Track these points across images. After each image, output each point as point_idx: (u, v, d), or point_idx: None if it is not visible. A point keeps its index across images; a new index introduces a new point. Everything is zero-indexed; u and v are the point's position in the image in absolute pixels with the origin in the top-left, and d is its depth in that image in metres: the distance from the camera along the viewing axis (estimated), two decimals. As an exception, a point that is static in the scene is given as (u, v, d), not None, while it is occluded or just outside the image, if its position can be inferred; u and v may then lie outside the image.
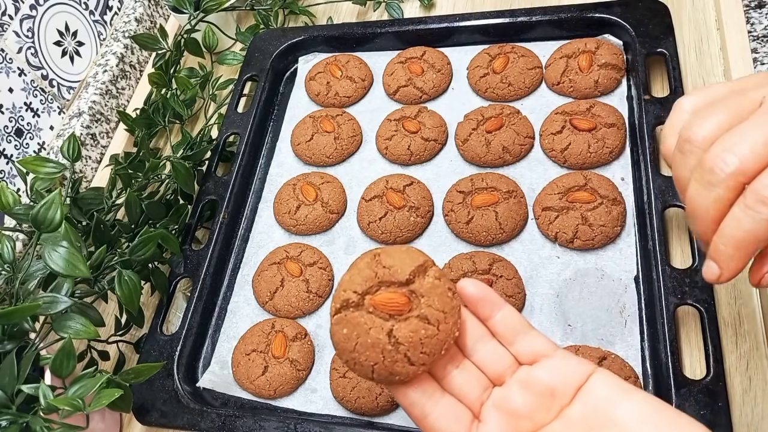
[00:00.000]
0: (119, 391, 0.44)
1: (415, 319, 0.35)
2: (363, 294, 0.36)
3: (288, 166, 0.70)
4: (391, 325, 0.35)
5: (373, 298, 0.35)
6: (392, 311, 0.35)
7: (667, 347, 0.48)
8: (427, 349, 0.35)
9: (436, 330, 0.35)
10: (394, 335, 0.35)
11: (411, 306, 0.35)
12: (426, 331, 0.34)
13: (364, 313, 0.35)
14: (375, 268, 0.36)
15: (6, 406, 0.46)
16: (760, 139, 0.28)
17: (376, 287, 0.36)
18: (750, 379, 0.49)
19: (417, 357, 0.34)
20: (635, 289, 0.53)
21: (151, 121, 0.73)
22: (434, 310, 0.35)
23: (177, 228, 0.64)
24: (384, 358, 0.34)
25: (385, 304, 0.35)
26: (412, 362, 0.34)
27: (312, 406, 0.55)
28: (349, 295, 0.36)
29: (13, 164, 0.71)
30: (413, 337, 0.34)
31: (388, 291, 0.35)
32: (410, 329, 0.34)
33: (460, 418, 0.35)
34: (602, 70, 0.63)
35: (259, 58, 0.76)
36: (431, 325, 0.35)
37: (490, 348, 0.37)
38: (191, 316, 0.59)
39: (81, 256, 0.47)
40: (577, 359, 0.35)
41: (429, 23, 0.73)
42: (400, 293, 0.35)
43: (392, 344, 0.34)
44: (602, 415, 0.32)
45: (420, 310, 0.35)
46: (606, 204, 0.56)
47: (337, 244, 0.63)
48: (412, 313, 0.35)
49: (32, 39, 0.75)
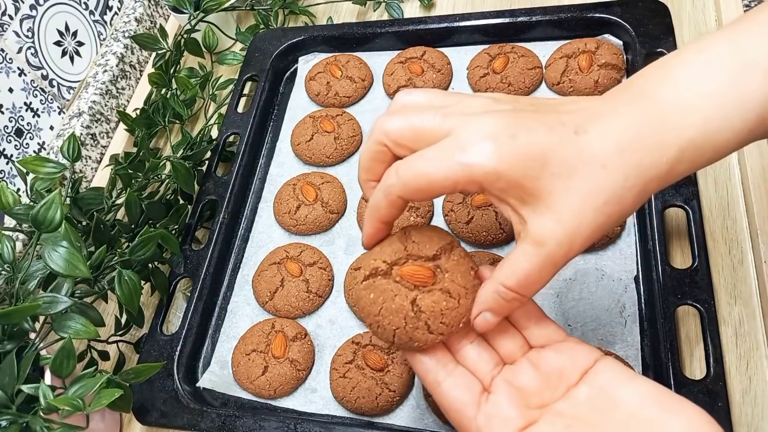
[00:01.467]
0: (119, 391, 0.44)
1: (438, 291, 0.37)
2: (392, 264, 0.38)
3: (288, 166, 0.70)
4: (415, 294, 0.37)
5: (401, 268, 0.38)
6: (417, 282, 0.37)
7: (667, 347, 0.48)
8: (447, 320, 0.37)
9: (457, 303, 0.37)
10: (417, 304, 0.37)
11: (435, 279, 0.38)
12: (447, 303, 0.37)
13: (392, 282, 0.38)
14: (405, 242, 0.39)
15: (6, 406, 0.46)
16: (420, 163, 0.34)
17: (404, 259, 0.38)
18: (750, 379, 0.49)
19: (436, 326, 0.37)
20: (635, 289, 0.53)
21: (151, 121, 0.73)
22: (456, 285, 0.37)
23: (177, 228, 0.64)
24: (406, 324, 0.37)
25: (412, 275, 0.37)
26: (431, 330, 0.37)
27: (312, 406, 0.55)
28: (379, 264, 0.38)
29: (13, 164, 0.71)
30: (435, 308, 0.37)
31: (415, 264, 0.38)
32: (433, 300, 0.37)
33: (471, 387, 0.36)
34: (602, 70, 0.63)
35: (259, 58, 0.76)
36: (452, 298, 0.37)
37: (503, 329, 0.38)
38: (191, 316, 0.59)
39: (81, 256, 0.47)
40: (586, 345, 0.36)
41: (429, 23, 0.72)
42: (426, 267, 0.38)
43: (414, 312, 0.37)
44: (607, 396, 0.33)
45: (443, 284, 0.37)
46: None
47: (337, 244, 0.63)
48: (436, 286, 0.37)
49: (32, 39, 0.75)
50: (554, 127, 0.33)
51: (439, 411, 0.51)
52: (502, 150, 0.32)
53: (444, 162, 0.33)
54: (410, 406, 0.53)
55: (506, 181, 0.32)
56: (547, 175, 0.32)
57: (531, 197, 0.32)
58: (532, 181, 0.32)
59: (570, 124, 0.33)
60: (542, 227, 0.32)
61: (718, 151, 0.33)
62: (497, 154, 0.32)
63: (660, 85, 0.33)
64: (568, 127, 0.33)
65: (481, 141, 0.32)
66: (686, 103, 0.32)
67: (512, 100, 0.36)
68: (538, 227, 0.32)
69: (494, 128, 0.32)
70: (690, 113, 0.32)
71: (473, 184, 0.33)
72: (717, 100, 0.32)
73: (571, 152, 0.32)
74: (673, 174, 0.33)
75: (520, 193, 0.32)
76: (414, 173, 0.34)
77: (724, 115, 0.32)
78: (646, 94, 0.33)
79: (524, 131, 0.32)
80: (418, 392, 0.53)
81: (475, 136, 0.32)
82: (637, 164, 0.32)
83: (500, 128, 0.32)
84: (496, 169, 0.32)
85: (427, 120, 0.34)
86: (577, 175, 0.32)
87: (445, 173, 0.32)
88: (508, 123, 0.33)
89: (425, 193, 0.34)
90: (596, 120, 0.33)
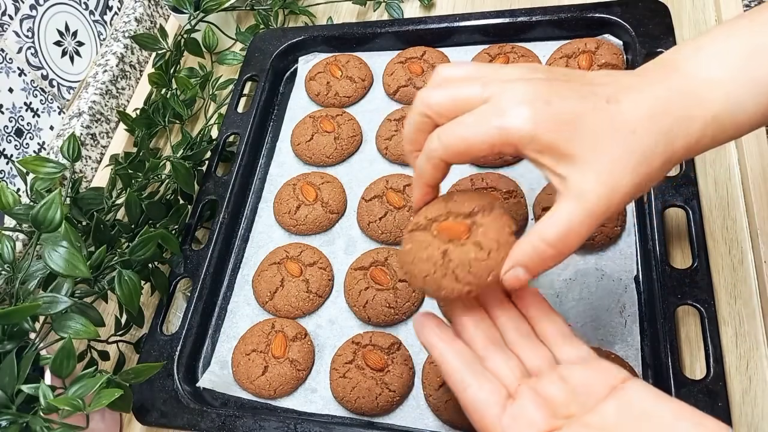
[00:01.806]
0: (119, 391, 0.44)
1: (470, 244, 0.38)
2: (432, 220, 0.40)
3: (288, 166, 0.70)
4: (448, 246, 0.39)
5: (440, 224, 0.40)
6: (452, 235, 0.39)
7: (667, 347, 0.48)
8: (474, 270, 0.37)
9: (486, 256, 0.38)
10: (448, 255, 0.38)
11: (470, 234, 0.39)
12: (476, 254, 0.38)
13: (429, 235, 0.40)
14: (447, 201, 0.41)
15: (6, 406, 0.46)
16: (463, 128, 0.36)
17: (444, 216, 0.40)
18: (750, 379, 0.49)
19: (464, 275, 0.38)
20: (635, 289, 0.53)
21: (151, 121, 0.73)
22: (488, 239, 0.38)
23: (177, 228, 0.64)
24: (435, 272, 0.38)
25: (447, 229, 0.39)
26: (459, 280, 0.38)
27: (312, 406, 0.55)
28: (420, 219, 0.41)
29: (13, 164, 0.71)
30: (463, 258, 0.38)
31: (453, 220, 0.40)
32: (462, 251, 0.38)
33: (497, 391, 0.36)
34: (602, 70, 0.63)
35: (259, 58, 0.76)
36: (483, 250, 0.38)
37: (532, 344, 0.38)
38: (191, 316, 0.59)
39: (81, 256, 0.47)
40: (614, 365, 0.36)
41: (429, 23, 0.72)
42: (462, 222, 0.39)
43: (444, 261, 0.38)
44: (639, 411, 0.33)
45: (476, 237, 0.38)
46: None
47: (337, 244, 0.63)
48: (469, 240, 0.39)
49: (32, 39, 0.75)
50: (587, 95, 0.35)
51: (439, 411, 0.51)
52: (536, 114, 0.34)
53: (482, 126, 0.35)
54: (410, 406, 0.53)
55: (540, 144, 0.34)
56: (579, 137, 0.34)
57: (566, 158, 0.34)
58: (566, 143, 0.34)
59: (602, 94, 0.35)
60: (582, 182, 0.34)
61: (739, 128, 0.35)
62: (532, 119, 0.34)
63: (689, 60, 0.36)
64: (600, 96, 0.35)
65: (517, 106, 0.34)
66: (713, 78, 0.34)
67: (547, 70, 0.38)
68: (578, 182, 0.34)
69: (529, 95, 0.34)
70: (715, 88, 0.34)
71: (509, 146, 0.35)
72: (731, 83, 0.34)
73: (603, 118, 0.34)
74: (700, 145, 0.35)
75: (555, 155, 0.34)
76: (455, 137, 0.36)
77: (738, 97, 0.34)
78: (676, 68, 0.36)
79: (557, 98, 0.34)
80: (418, 392, 0.53)
81: (511, 102, 0.34)
82: (665, 132, 0.34)
83: (535, 95, 0.34)
84: (531, 132, 0.34)
85: (467, 90, 0.36)
86: (609, 138, 0.34)
87: (483, 137, 0.35)
88: (542, 90, 0.35)
89: (465, 156, 0.36)
90: (627, 91, 0.35)
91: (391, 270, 0.58)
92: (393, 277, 0.57)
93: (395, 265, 0.58)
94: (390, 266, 0.58)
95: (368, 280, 0.58)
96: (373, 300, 0.57)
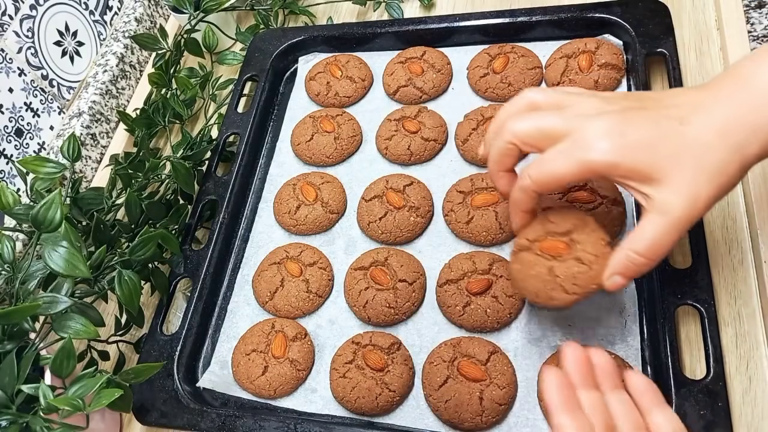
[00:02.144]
0: (119, 391, 0.44)
1: (572, 260, 0.44)
2: (533, 241, 0.46)
3: (288, 166, 0.70)
4: (552, 263, 0.45)
5: (541, 244, 0.46)
6: (554, 253, 0.45)
7: (667, 347, 0.48)
8: (579, 282, 0.44)
9: (588, 269, 0.44)
10: (553, 271, 0.45)
11: (570, 250, 0.45)
12: (579, 268, 0.44)
13: (533, 254, 0.46)
14: (544, 222, 0.47)
15: (6, 406, 0.46)
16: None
17: (543, 236, 0.46)
18: (750, 379, 0.49)
19: (570, 287, 0.44)
20: (635, 289, 0.53)
21: (151, 121, 0.73)
22: (587, 254, 0.44)
23: (177, 228, 0.64)
24: (545, 287, 0.45)
25: (549, 248, 0.46)
26: (567, 291, 0.44)
27: (312, 406, 0.55)
28: (523, 241, 0.47)
29: (13, 164, 0.71)
30: (568, 272, 0.44)
31: (553, 239, 0.46)
32: (566, 266, 0.44)
33: None
34: (602, 70, 0.63)
35: (259, 58, 0.76)
36: (584, 264, 0.44)
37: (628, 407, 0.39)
38: (191, 316, 0.59)
39: (81, 256, 0.47)
40: None
41: (429, 23, 0.73)
42: (561, 241, 0.45)
43: (551, 277, 0.45)
44: None
45: (576, 253, 0.44)
46: (606, 204, 0.56)
47: (337, 244, 0.63)
48: (570, 255, 0.45)
49: (32, 39, 0.75)
50: (660, 121, 0.39)
51: (439, 411, 0.51)
52: (614, 146, 0.39)
53: (568, 161, 0.40)
54: (410, 406, 0.53)
55: (622, 170, 0.39)
56: (658, 159, 0.38)
57: (648, 179, 0.39)
58: (646, 167, 0.38)
59: (675, 117, 0.39)
60: (665, 199, 0.38)
61: None
62: (611, 151, 0.39)
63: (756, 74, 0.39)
64: (673, 119, 0.39)
65: (597, 140, 0.39)
66: None
67: (622, 98, 0.42)
68: (661, 199, 0.38)
69: (607, 128, 0.39)
70: None
71: (595, 174, 0.40)
72: None
73: (678, 140, 0.38)
74: None
75: (638, 178, 0.39)
76: (545, 175, 0.41)
77: None
78: (745, 82, 0.39)
79: (632, 128, 0.39)
80: (418, 392, 0.53)
81: (591, 136, 0.39)
82: (738, 144, 0.38)
83: (612, 127, 0.39)
84: (612, 162, 0.39)
85: (550, 122, 0.41)
86: (685, 157, 0.38)
87: (570, 170, 0.40)
88: (617, 122, 0.39)
89: (555, 187, 0.44)
90: (698, 111, 0.39)
91: (391, 270, 0.58)
92: (393, 277, 0.57)
93: (395, 264, 0.58)
94: (390, 266, 0.58)
95: (368, 280, 0.58)
96: (373, 300, 0.57)
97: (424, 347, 0.55)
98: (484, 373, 0.51)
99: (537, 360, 0.52)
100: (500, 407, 0.49)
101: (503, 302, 0.54)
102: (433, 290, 0.57)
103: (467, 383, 0.50)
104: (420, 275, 0.58)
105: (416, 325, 0.57)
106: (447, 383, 0.51)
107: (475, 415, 0.49)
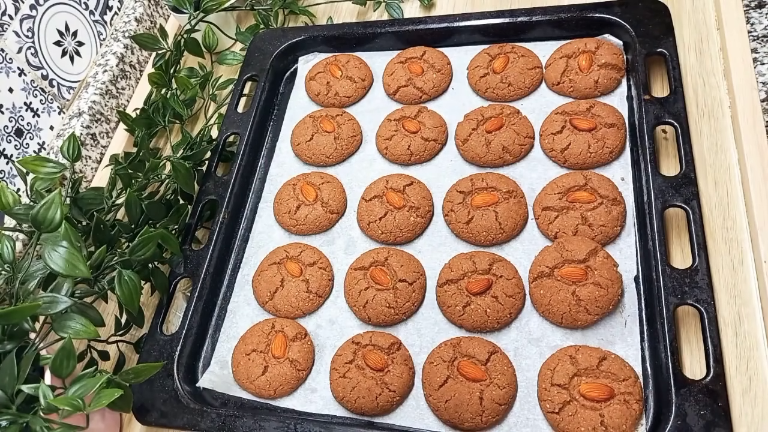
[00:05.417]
0: (119, 391, 0.44)
1: (591, 284, 0.51)
2: (552, 268, 0.53)
3: (288, 166, 0.70)
4: (574, 288, 0.52)
5: (560, 270, 0.53)
6: (575, 279, 0.52)
7: (667, 347, 0.48)
8: (600, 304, 0.51)
9: (606, 292, 0.51)
10: (576, 295, 0.52)
11: (587, 276, 0.52)
12: (599, 292, 0.51)
13: (554, 281, 0.53)
14: (560, 251, 0.54)
15: (6, 406, 0.46)
16: None
17: (561, 264, 0.53)
18: (750, 379, 0.49)
19: (593, 309, 0.51)
20: (635, 289, 0.53)
21: (151, 121, 0.73)
22: (604, 279, 0.51)
23: (177, 228, 0.64)
24: (570, 310, 0.52)
25: (569, 274, 0.52)
26: (590, 312, 0.51)
27: (312, 406, 0.55)
28: (543, 268, 0.54)
29: (13, 164, 0.71)
30: (590, 296, 0.51)
31: (571, 266, 0.53)
32: (588, 291, 0.51)
33: None
34: (602, 70, 0.63)
35: (259, 58, 0.76)
36: (603, 288, 0.51)
37: None
38: (191, 316, 0.59)
39: (81, 256, 0.47)
40: None
41: (429, 23, 0.73)
42: (580, 267, 0.52)
43: (575, 301, 0.51)
44: None
45: (594, 279, 0.52)
46: (606, 204, 0.56)
47: (337, 244, 0.63)
48: (589, 281, 0.52)
49: (32, 39, 0.75)
50: None
51: (439, 411, 0.51)
52: None
53: None
54: (410, 406, 0.53)
55: None
56: None
57: None
58: None
59: None
60: None
61: None
62: None
63: None
64: None
65: None
66: None
67: None
68: None
69: None
70: None
71: None
72: None
73: None
74: None
75: None
76: None
77: None
78: None
79: None
80: (418, 392, 0.53)
81: None
82: None
83: None
84: None
85: None
86: None
87: None
88: None
89: None
90: None
91: (391, 270, 0.58)
92: (393, 277, 0.57)
93: (395, 264, 0.58)
94: (390, 266, 0.58)
95: (368, 280, 0.58)
96: (373, 300, 0.56)
97: (424, 347, 0.55)
98: (484, 373, 0.51)
99: (537, 360, 0.52)
100: (500, 407, 0.49)
101: (503, 302, 0.54)
102: (433, 290, 0.57)
103: (467, 383, 0.50)
104: (420, 275, 0.58)
105: (416, 325, 0.57)
106: (447, 383, 0.51)
107: (475, 415, 0.49)
